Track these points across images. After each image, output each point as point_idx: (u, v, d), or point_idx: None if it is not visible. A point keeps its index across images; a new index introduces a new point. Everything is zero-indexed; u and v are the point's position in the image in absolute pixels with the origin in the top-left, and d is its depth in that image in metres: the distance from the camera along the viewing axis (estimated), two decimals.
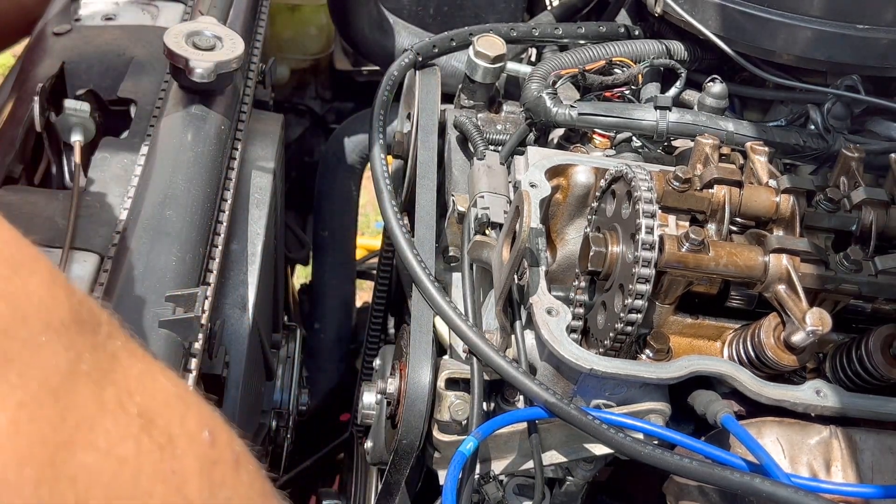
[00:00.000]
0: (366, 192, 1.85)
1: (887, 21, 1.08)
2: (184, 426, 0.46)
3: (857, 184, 0.97)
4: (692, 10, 1.13)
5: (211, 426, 0.49)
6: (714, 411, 0.86)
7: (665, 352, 0.89)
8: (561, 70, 1.12)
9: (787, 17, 1.09)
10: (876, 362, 0.86)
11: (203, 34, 1.04)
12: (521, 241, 0.83)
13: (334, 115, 2.09)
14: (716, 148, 0.97)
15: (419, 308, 0.98)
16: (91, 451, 0.40)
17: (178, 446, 0.45)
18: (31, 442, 0.38)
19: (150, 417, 0.44)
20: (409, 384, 0.93)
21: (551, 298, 0.90)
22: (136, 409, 0.43)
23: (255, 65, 1.26)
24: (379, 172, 1.11)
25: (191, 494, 0.45)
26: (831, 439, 0.86)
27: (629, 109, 1.07)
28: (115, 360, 0.44)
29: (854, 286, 0.88)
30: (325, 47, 1.99)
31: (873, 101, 1.10)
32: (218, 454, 0.48)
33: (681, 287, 0.89)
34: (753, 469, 0.81)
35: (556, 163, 1.01)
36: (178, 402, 0.47)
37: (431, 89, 1.22)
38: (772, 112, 1.19)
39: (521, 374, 0.86)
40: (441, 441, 0.94)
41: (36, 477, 0.37)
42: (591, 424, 0.83)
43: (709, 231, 0.92)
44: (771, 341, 0.87)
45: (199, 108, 1.04)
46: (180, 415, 0.47)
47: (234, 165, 1.08)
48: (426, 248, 1.04)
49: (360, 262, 2.37)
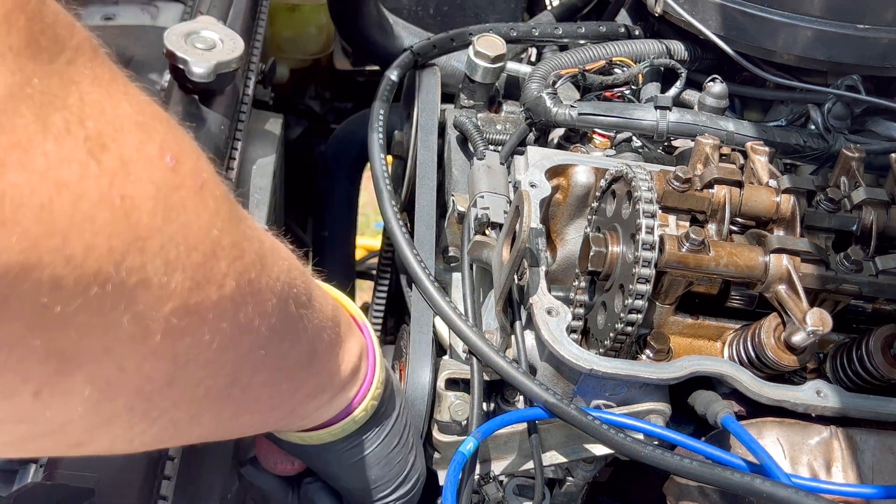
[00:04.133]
0: (366, 192, 1.85)
1: (888, 21, 1.08)
2: (141, 151, 0.44)
3: (857, 184, 0.96)
4: (692, 9, 1.13)
5: (175, 151, 0.46)
6: (714, 411, 0.86)
7: (665, 352, 0.89)
8: (561, 70, 1.12)
9: (788, 17, 1.09)
10: (876, 362, 0.86)
11: (203, 34, 1.03)
12: (521, 241, 0.83)
13: (334, 115, 2.09)
14: (716, 148, 0.97)
15: (419, 308, 0.98)
16: (24, 171, 0.37)
17: (131, 172, 0.42)
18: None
19: (102, 142, 0.41)
20: (409, 384, 0.93)
21: (551, 298, 0.90)
22: (86, 133, 0.41)
23: (255, 65, 1.26)
24: (379, 172, 1.11)
25: (140, 220, 0.43)
26: (832, 439, 0.86)
27: (629, 109, 1.07)
28: (71, 85, 0.41)
29: (854, 286, 0.88)
30: (325, 47, 1.99)
31: (874, 101, 1.10)
32: (179, 180, 0.46)
33: (681, 287, 0.89)
34: (754, 469, 0.81)
35: (556, 163, 1.01)
36: (136, 128, 0.44)
37: (431, 89, 1.22)
38: (772, 112, 1.19)
39: (521, 375, 0.86)
40: (441, 441, 0.94)
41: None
42: (592, 425, 0.82)
43: (709, 231, 0.92)
44: (771, 341, 0.87)
45: (199, 109, 1.04)
46: (138, 140, 0.44)
47: (234, 165, 1.08)
48: (426, 248, 1.04)
49: (360, 262, 2.37)
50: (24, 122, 0.38)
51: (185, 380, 0.52)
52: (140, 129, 0.44)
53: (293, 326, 0.62)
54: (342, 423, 0.76)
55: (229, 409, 0.61)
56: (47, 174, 0.38)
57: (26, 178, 0.37)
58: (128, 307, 0.43)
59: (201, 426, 0.59)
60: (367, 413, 0.77)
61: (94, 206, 0.40)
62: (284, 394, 0.67)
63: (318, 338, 0.68)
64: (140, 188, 0.43)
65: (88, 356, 0.44)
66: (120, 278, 0.42)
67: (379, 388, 0.78)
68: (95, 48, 0.45)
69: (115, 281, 0.42)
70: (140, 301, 0.44)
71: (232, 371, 0.56)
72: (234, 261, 0.50)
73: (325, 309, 0.69)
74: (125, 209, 0.42)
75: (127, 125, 0.44)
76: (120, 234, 0.42)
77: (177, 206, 0.45)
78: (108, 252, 0.41)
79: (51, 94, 0.40)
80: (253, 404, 0.64)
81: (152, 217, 0.43)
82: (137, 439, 0.54)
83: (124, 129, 0.43)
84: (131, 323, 0.44)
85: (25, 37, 0.39)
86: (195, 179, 0.47)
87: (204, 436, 0.64)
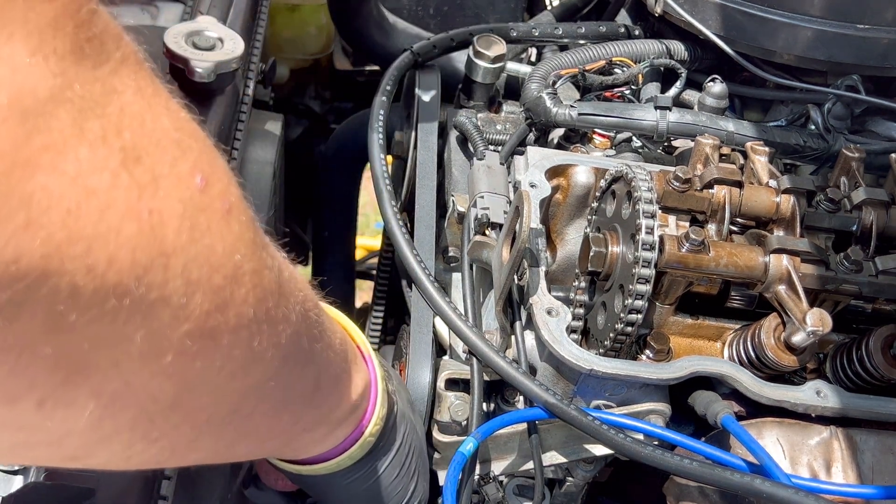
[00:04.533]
0: (366, 192, 1.85)
1: (888, 21, 1.08)
2: (174, 168, 0.43)
3: (857, 184, 0.96)
4: (692, 9, 1.13)
5: (207, 172, 0.46)
6: (714, 412, 0.86)
7: (665, 352, 0.89)
8: (561, 70, 1.12)
9: (788, 17, 1.09)
10: (876, 363, 0.86)
11: (203, 34, 1.03)
12: (521, 241, 0.83)
13: (334, 115, 2.08)
14: (716, 148, 0.97)
15: (419, 308, 0.98)
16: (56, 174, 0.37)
17: (161, 187, 0.42)
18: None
19: (137, 155, 0.41)
20: (409, 384, 0.93)
21: (551, 299, 0.90)
22: (122, 144, 0.40)
23: (255, 65, 1.26)
24: (379, 172, 1.11)
25: (166, 236, 0.42)
26: (832, 440, 0.86)
27: (629, 109, 1.07)
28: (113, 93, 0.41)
29: (854, 286, 0.88)
30: (325, 47, 1.99)
31: (874, 101, 1.10)
32: (208, 201, 0.45)
33: (681, 287, 0.89)
34: (754, 470, 0.81)
35: (556, 163, 1.01)
36: (172, 145, 0.44)
37: (431, 89, 1.22)
38: (772, 112, 1.19)
39: (521, 375, 0.86)
40: (441, 442, 0.94)
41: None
42: (592, 425, 0.82)
43: (709, 231, 0.92)
44: (771, 342, 0.87)
45: (199, 109, 1.04)
46: (172, 157, 0.43)
47: (234, 165, 1.08)
48: (426, 248, 1.04)
49: (360, 262, 2.37)
50: (61, 126, 0.38)
51: (190, 404, 0.51)
52: (176, 146, 0.44)
53: (302, 359, 0.62)
54: (337, 459, 0.76)
55: (228, 436, 0.60)
56: (77, 180, 0.38)
57: (56, 181, 0.37)
58: (143, 323, 0.43)
59: (198, 451, 0.59)
60: (362, 450, 0.76)
61: (121, 218, 0.40)
62: (284, 425, 0.67)
63: (323, 372, 0.67)
64: (168, 205, 0.43)
65: (97, 368, 0.43)
66: (139, 293, 0.41)
67: (378, 424, 0.77)
68: (141, 61, 0.45)
69: (134, 295, 0.41)
70: (156, 318, 0.43)
71: (237, 399, 0.56)
72: (253, 287, 0.50)
73: (334, 343, 0.68)
74: (152, 224, 0.41)
75: (164, 140, 0.44)
76: (144, 249, 0.41)
77: (203, 226, 0.45)
78: (130, 265, 0.41)
79: (91, 101, 0.40)
80: (252, 434, 0.63)
81: (178, 235, 0.43)
82: (134, 458, 0.53)
83: (160, 143, 0.43)
84: (144, 340, 0.44)
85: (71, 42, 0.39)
86: (223, 202, 0.47)
87: (199, 460, 0.63)
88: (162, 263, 0.42)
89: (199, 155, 0.46)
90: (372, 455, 0.78)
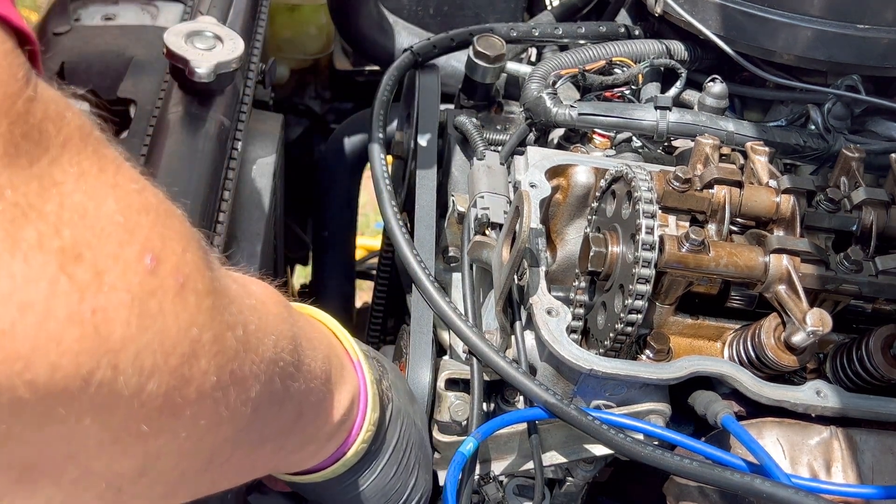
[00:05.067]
0: (366, 192, 1.85)
1: (888, 21, 1.08)
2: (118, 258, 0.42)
3: (857, 184, 0.96)
4: (692, 9, 1.13)
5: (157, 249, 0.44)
6: (714, 412, 0.86)
7: (665, 352, 0.89)
8: (561, 70, 1.12)
9: (788, 17, 1.09)
10: (876, 362, 0.86)
11: (203, 34, 1.03)
12: (521, 241, 0.83)
13: (334, 115, 2.08)
14: (716, 148, 0.97)
15: (419, 308, 0.98)
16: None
17: (105, 282, 0.41)
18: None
19: (77, 253, 0.40)
20: (409, 385, 0.93)
21: (551, 299, 0.90)
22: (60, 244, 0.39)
23: (255, 65, 1.26)
24: (379, 172, 1.11)
25: (112, 333, 0.41)
26: (832, 440, 0.86)
27: (629, 109, 1.07)
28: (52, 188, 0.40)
29: (854, 286, 0.88)
30: (325, 47, 1.99)
31: (873, 101, 1.10)
32: (158, 282, 0.44)
33: (681, 287, 0.89)
34: (753, 470, 0.81)
35: (556, 163, 1.01)
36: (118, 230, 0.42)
37: (431, 89, 1.22)
38: (772, 112, 1.19)
39: (521, 375, 0.86)
40: (441, 442, 0.93)
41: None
42: (592, 425, 0.82)
43: (709, 231, 0.92)
44: (771, 342, 0.87)
45: (199, 108, 1.04)
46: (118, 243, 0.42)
47: (234, 165, 1.08)
48: (426, 248, 1.04)
49: (360, 262, 2.37)
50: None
51: (159, 469, 0.50)
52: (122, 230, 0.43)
53: (278, 399, 0.60)
54: (332, 467, 0.76)
55: (206, 482, 0.60)
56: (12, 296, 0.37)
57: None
58: (96, 419, 0.42)
59: (177, 498, 0.58)
60: (356, 456, 0.77)
61: (62, 325, 0.39)
62: (267, 455, 0.66)
63: (304, 401, 0.66)
64: (114, 298, 0.41)
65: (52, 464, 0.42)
66: (89, 394, 0.40)
67: (370, 429, 0.77)
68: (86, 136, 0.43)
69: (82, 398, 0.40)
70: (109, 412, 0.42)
71: (209, 454, 0.55)
72: (214, 356, 0.48)
73: (315, 367, 0.67)
74: (95, 324, 0.40)
75: (108, 227, 0.42)
76: (89, 351, 0.40)
77: (154, 312, 0.44)
78: (75, 370, 0.40)
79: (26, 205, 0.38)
80: (233, 472, 0.63)
81: (126, 327, 0.42)
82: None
83: (104, 232, 0.42)
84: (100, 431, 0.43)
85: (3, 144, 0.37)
86: (176, 278, 0.45)
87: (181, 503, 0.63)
88: (110, 361, 0.41)
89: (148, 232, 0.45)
90: (367, 458, 0.78)
